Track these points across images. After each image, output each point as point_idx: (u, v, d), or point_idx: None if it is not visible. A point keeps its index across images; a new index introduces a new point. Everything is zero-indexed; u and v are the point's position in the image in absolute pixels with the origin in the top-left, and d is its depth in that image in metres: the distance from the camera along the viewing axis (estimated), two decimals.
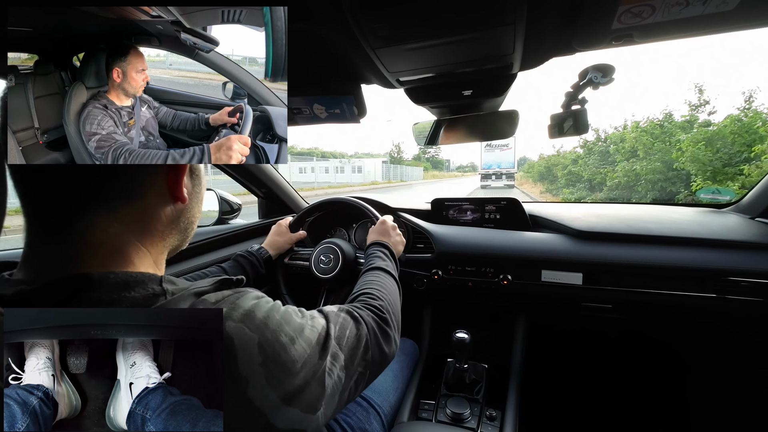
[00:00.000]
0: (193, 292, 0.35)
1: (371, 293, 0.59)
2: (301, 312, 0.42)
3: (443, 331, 1.20)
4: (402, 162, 54.02)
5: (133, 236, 0.36)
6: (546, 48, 0.64)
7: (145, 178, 0.37)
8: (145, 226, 0.37)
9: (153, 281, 0.34)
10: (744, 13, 0.48)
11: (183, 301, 0.33)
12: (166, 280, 0.35)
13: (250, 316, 0.34)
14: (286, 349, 0.35)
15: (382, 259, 0.75)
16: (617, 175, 8.94)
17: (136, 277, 0.33)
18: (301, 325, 0.39)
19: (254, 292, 0.39)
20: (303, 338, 0.37)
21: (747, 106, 6.85)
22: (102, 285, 0.31)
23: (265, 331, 0.34)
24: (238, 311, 0.34)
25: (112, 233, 0.34)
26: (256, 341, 0.33)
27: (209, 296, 0.35)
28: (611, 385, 1.39)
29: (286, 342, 0.35)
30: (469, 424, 0.90)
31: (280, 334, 0.35)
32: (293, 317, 0.39)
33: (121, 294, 0.31)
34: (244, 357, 0.31)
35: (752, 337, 1.07)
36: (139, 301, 0.32)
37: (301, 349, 0.36)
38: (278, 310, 0.38)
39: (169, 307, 0.32)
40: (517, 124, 0.90)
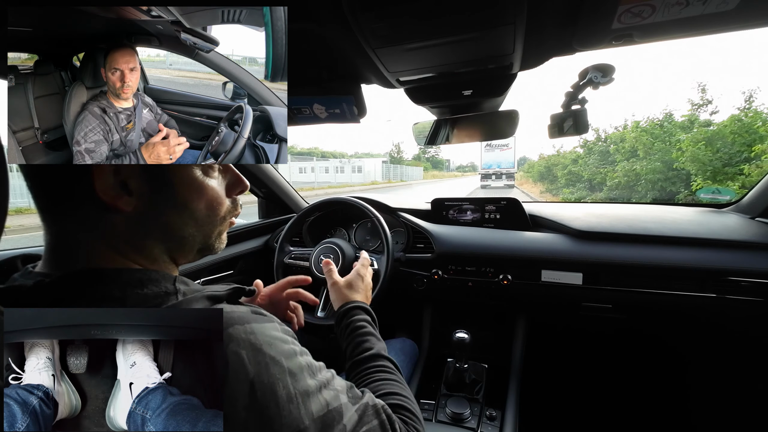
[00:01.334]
0: (207, 295, 0.34)
1: (403, 404, 0.46)
2: (314, 372, 0.35)
3: (443, 331, 1.20)
4: (402, 162, 54.03)
5: (145, 236, 0.36)
6: (546, 48, 0.64)
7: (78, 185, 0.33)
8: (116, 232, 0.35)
9: (167, 280, 0.34)
10: (744, 13, 0.48)
11: (196, 302, 0.33)
12: (180, 280, 0.35)
13: (256, 348, 0.31)
14: (279, 404, 0.30)
15: (377, 338, 0.59)
16: (617, 175, 8.93)
17: (149, 275, 0.33)
18: (307, 389, 0.33)
19: (280, 325, 0.35)
20: (304, 404, 0.32)
21: (747, 106, 6.85)
22: (115, 281, 0.32)
23: (263, 372, 0.30)
24: (247, 336, 0.31)
25: (123, 231, 0.35)
26: (250, 378, 0.29)
27: (224, 305, 0.33)
28: (611, 384, 1.39)
29: (282, 396, 0.30)
30: (469, 424, 0.90)
31: (278, 386, 0.31)
32: (303, 376, 0.33)
33: (133, 290, 0.32)
34: (231, 390, 0.29)
35: (752, 336, 1.07)
36: (150, 298, 0.32)
37: (296, 415, 0.31)
38: (290, 357, 0.33)
39: (181, 307, 0.32)
40: (517, 124, 0.90)
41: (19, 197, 6.60)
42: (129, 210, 0.34)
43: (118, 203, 0.33)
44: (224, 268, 1.21)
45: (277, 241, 1.21)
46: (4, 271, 0.36)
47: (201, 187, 0.39)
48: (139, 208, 0.35)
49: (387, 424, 0.39)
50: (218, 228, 0.42)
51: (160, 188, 0.36)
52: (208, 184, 0.39)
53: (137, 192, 0.34)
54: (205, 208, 0.39)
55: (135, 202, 0.34)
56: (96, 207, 0.33)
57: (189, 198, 0.38)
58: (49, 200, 0.34)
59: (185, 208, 0.37)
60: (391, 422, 0.40)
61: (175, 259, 0.40)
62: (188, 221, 0.38)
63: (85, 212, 0.34)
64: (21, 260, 0.38)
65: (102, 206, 0.33)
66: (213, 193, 0.40)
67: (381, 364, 0.52)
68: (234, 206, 0.44)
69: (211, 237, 0.41)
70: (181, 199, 0.37)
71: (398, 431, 0.40)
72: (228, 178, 0.43)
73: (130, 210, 0.34)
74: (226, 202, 0.42)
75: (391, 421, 0.40)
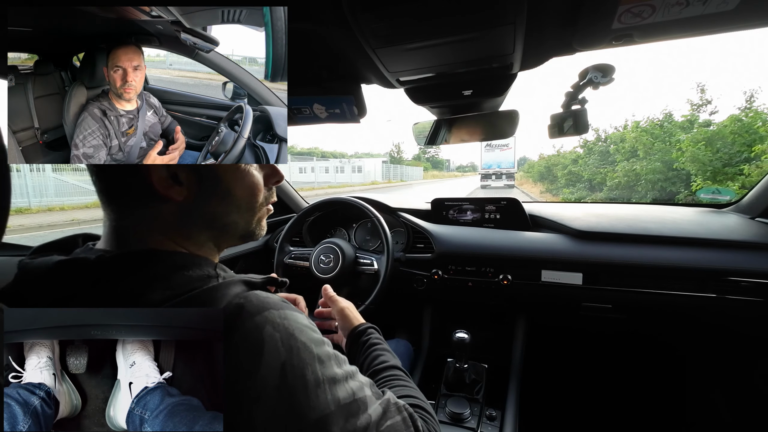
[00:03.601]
0: (243, 279, 0.37)
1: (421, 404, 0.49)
2: (340, 363, 0.37)
3: (443, 331, 1.20)
4: (402, 162, 54.02)
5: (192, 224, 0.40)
6: (546, 48, 0.64)
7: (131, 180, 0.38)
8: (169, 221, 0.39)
9: (209, 265, 0.37)
10: (744, 13, 0.48)
11: (233, 285, 0.35)
12: (220, 267, 0.39)
13: (289, 333, 0.32)
14: (307, 388, 0.31)
15: (392, 354, 0.61)
16: (617, 175, 8.93)
17: (194, 260, 0.37)
18: (334, 375, 0.34)
19: (307, 317, 0.37)
20: (331, 390, 0.33)
21: (748, 106, 6.85)
22: (165, 261, 0.35)
23: (294, 356, 0.32)
24: (282, 321, 0.33)
25: (174, 219, 0.38)
26: (282, 360, 0.31)
27: (259, 293, 0.35)
28: (611, 384, 1.39)
29: (311, 380, 0.32)
30: (469, 424, 0.90)
31: (307, 370, 0.32)
32: (331, 363, 0.35)
33: (179, 272, 0.34)
34: (264, 370, 0.30)
35: (752, 336, 1.07)
36: (194, 280, 0.34)
37: (323, 400, 0.32)
38: (319, 345, 0.35)
39: (219, 290, 0.33)
40: (517, 124, 0.90)
41: (19, 197, 6.60)
42: (180, 199, 0.37)
43: (171, 193, 0.37)
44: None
45: (277, 241, 1.21)
46: (68, 247, 0.40)
47: (243, 176, 0.42)
48: (188, 198, 0.38)
49: (409, 421, 0.40)
50: (257, 214, 0.45)
51: (207, 178, 0.39)
52: (250, 171, 0.43)
53: (187, 182, 0.38)
54: (246, 196, 0.42)
55: (185, 192, 0.38)
56: (152, 198, 0.37)
57: (232, 185, 0.41)
58: (112, 192, 0.38)
59: (229, 195, 0.41)
60: (413, 419, 0.41)
61: (218, 246, 0.44)
62: (231, 208, 0.42)
63: (141, 202, 0.37)
64: (82, 239, 0.42)
65: (157, 196, 0.36)
66: (253, 179, 0.43)
67: (397, 374, 0.55)
68: (270, 194, 0.47)
69: (251, 223, 0.45)
70: (225, 187, 0.40)
71: (420, 429, 0.41)
72: (265, 169, 0.46)
73: (181, 199, 0.37)
74: (264, 190, 0.45)
75: (413, 419, 0.41)
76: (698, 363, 1.28)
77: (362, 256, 1.10)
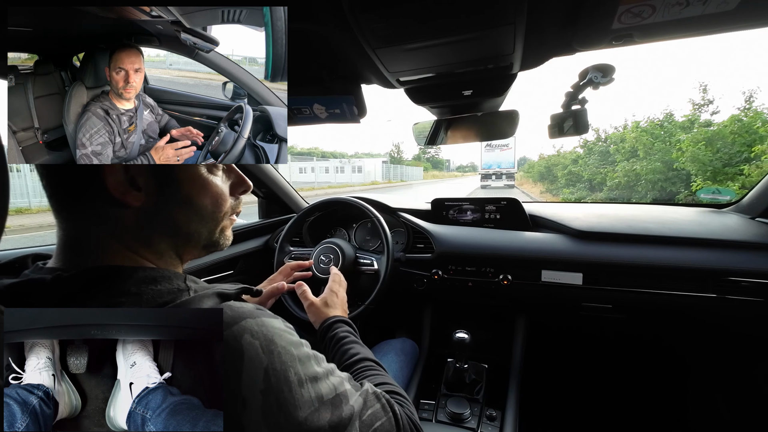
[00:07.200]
0: (217, 292, 0.36)
1: (396, 390, 0.52)
2: (319, 361, 0.39)
3: (443, 331, 1.20)
4: (402, 162, 54.03)
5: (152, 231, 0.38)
6: (546, 48, 0.64)
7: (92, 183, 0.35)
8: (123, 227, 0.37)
9: (178, 278, 0.36)
10: (744, 13, 0.48)
11: (207, 299, 0.34)
12: (189, 279, 0.37)
13: (268, 339, 0.33)
14: (291, 388, 0.33)
15: (360, 345, 0.62)
16: (617, 175, 8.93)
17: (162, 272, 0.35)
18: (315, 374, 0.36)
19: (283, 321, 0.38)
20: (314, 388, 0.35)
21: (747, 106, 6.84)
22: (132, 277, 0.33)
23: (275, 360, 0.32)
24: (259, 328, 0.33)
25: (132, 226, 0.37)
26: (264, 366, 0.31)
27: (233, 303, 0.34)
28: (611, 384, 1.39)
29: (294, 381, 0.33)
30: (469, 424, 0.90)
31: (290, 371, 0.33)
32: (311, 363, 0.36)
33: (148, 287, 0.33)
34: (248, 376, 0.30)
35: (752, 336, 1.07)
36: (164, 294, 0.33)
37: (308, 398, 0.34)
38: (298, 347, 0.36)
39: (192, 303, 0.33)
40: (517, 124, 0.90)
41: (19, 197, 6.60)
42: (137, 205, 0.36)
43: (128, 198, 0.35)
44: (224, 267, 1.21)
45: (277, 241, 1.21)
46: (16, 268, 0.37)
47: (205, 184, 0.40)
48: (146, 204, 0.36)
49: (387, 407, 0.44)
50: (221, 224, 0.43)
51: (166, 184, 0.38)
52: (212, 181, 0.41)
53: (145, 188, 0.36)
54: (209, 205, 0.41)
55: (143, 198, 0.36)
56: (107, 202, 0.35)
57: (193, 194, 0.39)
58: (63, 198, 0.36)
59: (190, 204, 0.39)
60: (390, 405, 0.44)
61: (180, 256, 0.42)
62: (193, 217, 0.40)
63: (96, 208, 0.35)
64: (32, 259, 0.39)
65: (112, 201, 0.35)
66: (217, 189, 0.41)
67: (369, 365, 0.57)
68: (237, 203, 0.46)
69: (214, 233, 0.43)
70: (185, 194, 0.39)
71: (397, 412, 0.44)
72: (232, 178, 0.45)
73: (138, 205, 0.36)
74: (229, 200, 0.44)
75: (391, 404, 0.44)
76: (698, 363, 1.28)
77: (362, 256, 1.10)
